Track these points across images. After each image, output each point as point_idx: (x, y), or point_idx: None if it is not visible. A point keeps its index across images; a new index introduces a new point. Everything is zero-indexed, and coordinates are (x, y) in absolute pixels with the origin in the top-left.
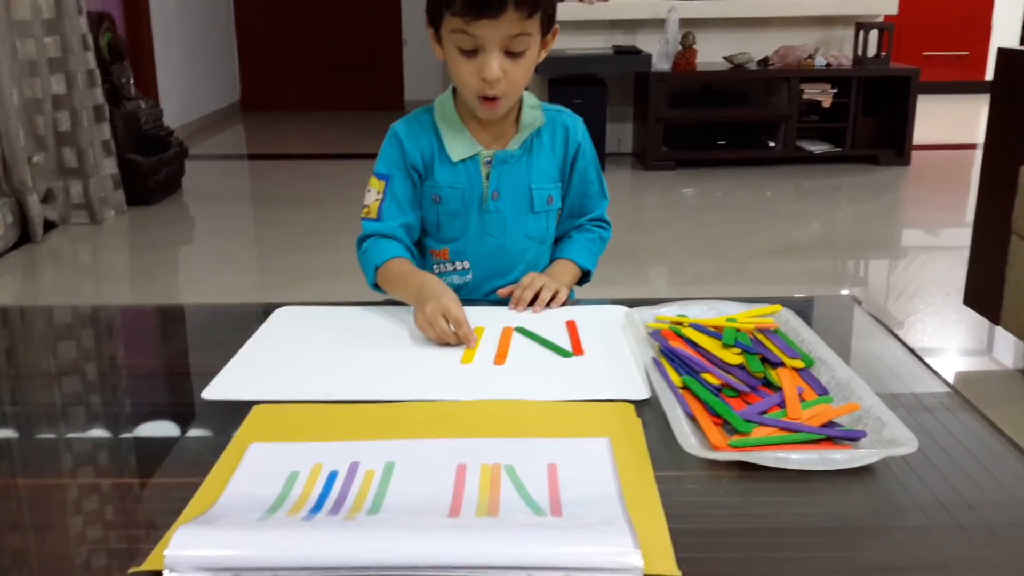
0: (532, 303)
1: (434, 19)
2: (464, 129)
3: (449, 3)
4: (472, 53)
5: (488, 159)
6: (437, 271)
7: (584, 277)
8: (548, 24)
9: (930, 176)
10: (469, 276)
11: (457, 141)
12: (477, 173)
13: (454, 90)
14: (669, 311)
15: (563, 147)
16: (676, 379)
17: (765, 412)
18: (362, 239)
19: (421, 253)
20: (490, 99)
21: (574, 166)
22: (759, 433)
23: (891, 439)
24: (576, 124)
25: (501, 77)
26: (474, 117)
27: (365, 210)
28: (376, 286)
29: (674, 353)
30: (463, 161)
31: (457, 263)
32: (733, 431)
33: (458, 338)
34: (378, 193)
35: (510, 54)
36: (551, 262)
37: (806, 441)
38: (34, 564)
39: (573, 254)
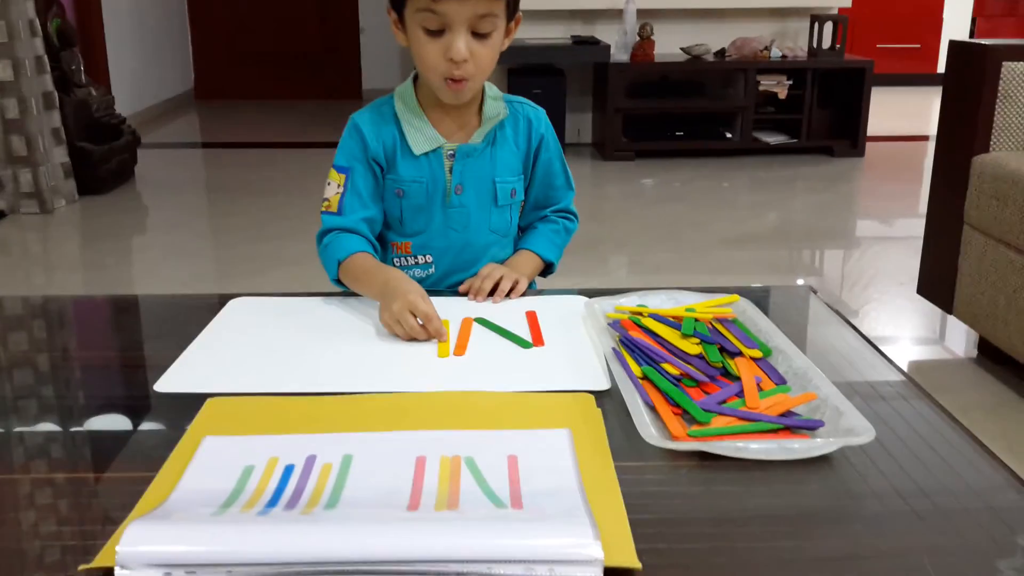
0: (492, 293)
1: (398, 1)
2: (426, 120)
3: None
4: (438, 34)
5: (451, 152)
6: (399, 264)
7: (547, 268)
8: (513, 9)
9: (884, 167)
10: (432, 270)
11: (419, 133)
12: (440, 166)
13: (415, 80)
14: (629, 301)
15: (526, 139)
16: (636, 369)
17: (724, 402)
18: (323, 234)
19: (383, 246)
20: (456, 81)
21: (537, 158)
22: (718, 423)
23: (848, 428)
24: (539, 116)
25: (468, 57)
26: (436, 107)
27: (325, 204)
28: (339, 282)
29: (634, 343)
30: (426, 154)
31: (419, 257)
32: (693, 421)
33: (428, 333)
34: (338, 186)
35: (476, 36)
36: (514, 253)
37: (765, 431)
38: None
39: (535, 245)
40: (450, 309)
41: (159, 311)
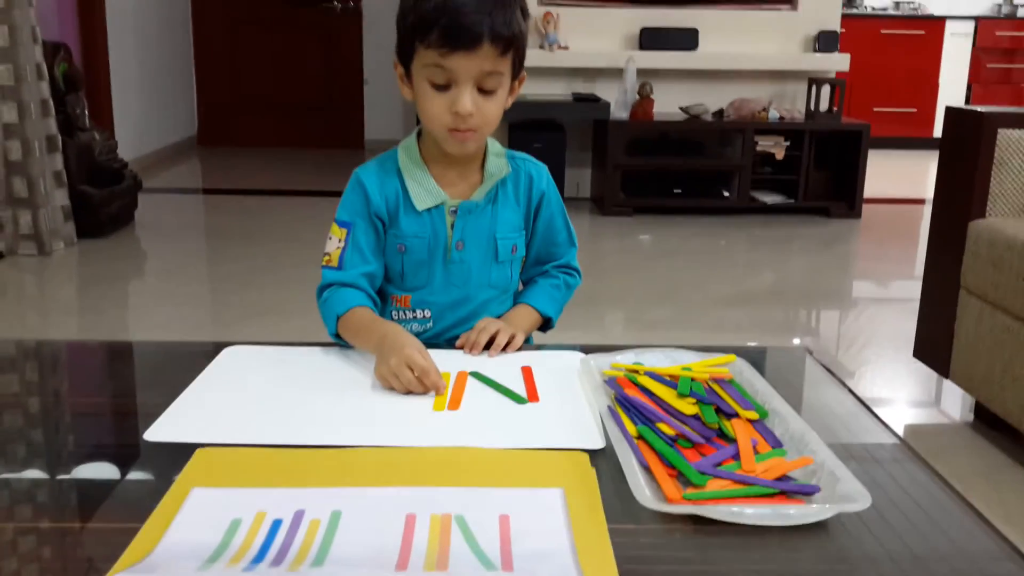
0: (488, 347)
1: (405, 55)
2: (429, 175)
3: (424, 36)
4: (444, 88)
5: (453, 209)
6: (396, 318)
7: (546, 324)
8: (518, 68)
9: (880, 229)
10: (430, 324)
11: (422, 189)
12: (442, 222)
13: (419, 135)
14: (625, 358)
15: (527, 196)
16: (631, 428)
17: (720, 464)
18: (323, 288)
19: (382, 300)
20: (461, 131)
21: (538, 214)
22: (714, 485)
23: (844, 494)
24: (540, 172)
25: (474, 112)
26: (439, 162)
27: (326, 258)
28: (337, 336)
29: (629, 402)
30: (428, 210)
31: (418, 311)
32: (688, 483)
33: (425, 386)
34: (340, 241)
35: (482, 92)
36: (513, 306)
37: (761, 495)
38: None
39: (535, 300)
40: (446, 362)
41: (153, 358)
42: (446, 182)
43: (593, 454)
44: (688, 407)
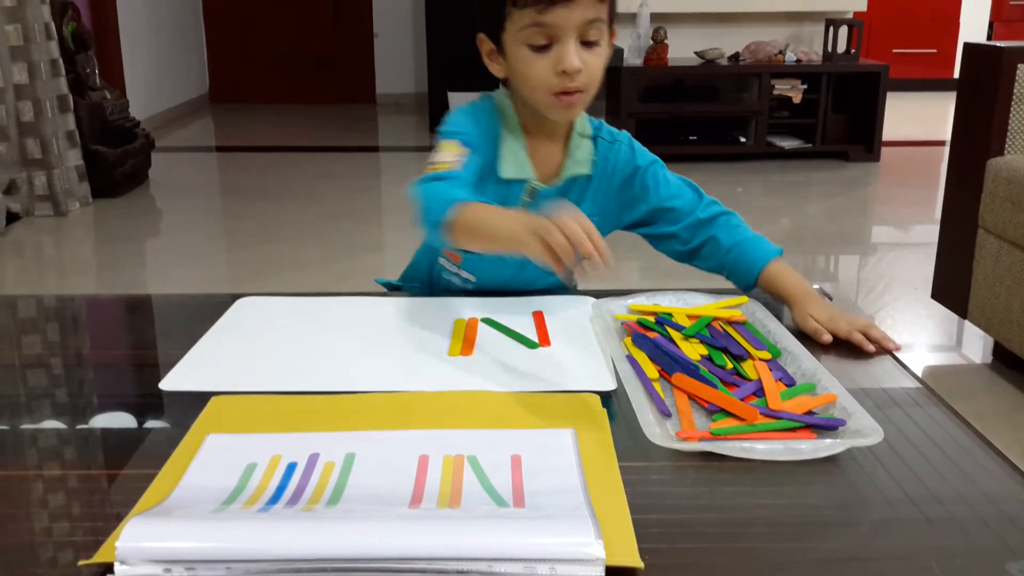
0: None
1: (495, 25)
2: (524, 147)
3: None
4: (545, 48)
5: (532, 190)
6: (442, 264)
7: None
8: (613, 15)
9: (899, 172)
10: (471, 288)
11: (513, 156)
12: (516, 199)
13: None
14: (637, 301)
15: (607, 183)
16: (650, 371)
17: (743, 400)
18: (429, 180)
19: (436, 247)
20: (569, 94)
21: (628, 191)
22: (739, 421)
23: (857, 430)
24: (618, 153)
25: (581, 67)
26: (529, 133)
27: (441, 165)
28: (440, 225)
29: (645, 339)
30: (509, 181)
31: (464, 272)
32: (718, 417)
33: (585, 253)
34: (457, 155)
35: (585, 45)
36: (749, 274)
37: (786, 429)
38: None
39: (765, 252)
40: (456, 309)
41: (170, 310)
42: (534, 158)
43: (605, 395)
44: (692, 350)
